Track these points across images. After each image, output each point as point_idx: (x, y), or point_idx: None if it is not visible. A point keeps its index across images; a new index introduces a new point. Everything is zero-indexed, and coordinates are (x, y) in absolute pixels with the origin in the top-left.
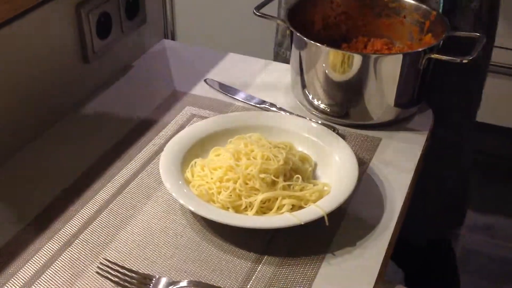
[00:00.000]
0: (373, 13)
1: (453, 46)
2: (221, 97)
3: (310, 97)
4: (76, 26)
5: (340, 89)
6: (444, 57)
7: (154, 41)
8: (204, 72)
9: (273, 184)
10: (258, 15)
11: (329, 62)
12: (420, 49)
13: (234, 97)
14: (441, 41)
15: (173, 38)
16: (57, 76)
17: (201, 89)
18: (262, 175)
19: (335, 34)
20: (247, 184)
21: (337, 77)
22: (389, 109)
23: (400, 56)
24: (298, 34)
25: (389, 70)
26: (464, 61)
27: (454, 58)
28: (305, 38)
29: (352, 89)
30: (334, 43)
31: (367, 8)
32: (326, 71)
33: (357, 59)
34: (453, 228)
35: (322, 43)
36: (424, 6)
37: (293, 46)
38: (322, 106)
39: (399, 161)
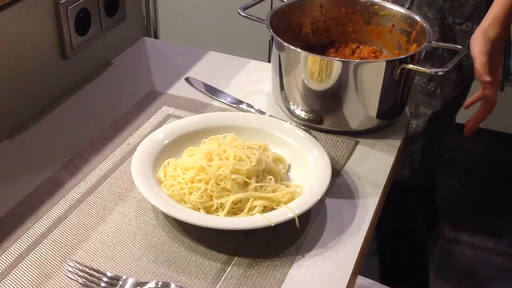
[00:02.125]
0: (363, 20)
1: None
2: (199, 97)
3: (288, 101)
4: (55, 22)
5: (317, 95)
6: (418, 68)
7: (134, 39)
8: (183, 71)
9: (245, 185)
10: (243, 16)
11: (306, 67)
12: (394, 58)
13: (212, 96)
14: (419, 52)
15: (156, 37)
16: (35, 72)
17: (179, 88)
18: (234, 176)
19: (325, 39)
20: (218, 184)
21: (314, 82)
22: (367, 118)
23: (373, 64)
24: (277, 37)
25: (364, 78)
26: (440, 73)
27: (428, 70)
28: (284, 42)
29: (327, 95)
30: (322, 48)
31: (357, 15)
32: (303, 76)
33: (331, 65)
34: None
35: (304, 48)
36: (412, 16)
37: (273, 49)
38: (299, 111)
39: (374, 163)
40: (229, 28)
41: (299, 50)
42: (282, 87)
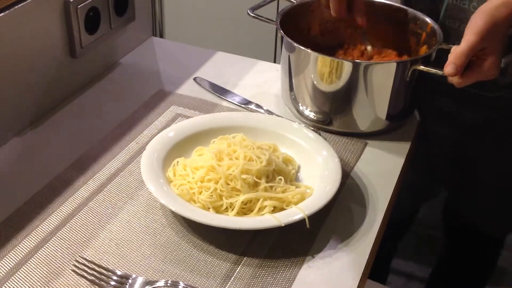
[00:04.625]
0: (373, 22)
1: None
2: (207, 96)
3: (297, 102)
4: (64, 20)
5: (327, 96)
6: (429, 69)
7: (142, 39)
8: (192, 71)
9: (255, 185)
10: (252, 16)
11: (316, 68)
12: (405, 60)
13: (221, 96)
14: (430, 53)
15: (162, 37)
16: (44, 70)
17: (187, 88)
18: (244, 176)
19: (334, 41)
20: (228, 184)
21: (324, 83)
22: (377, 120)
23: (383, 65)
24: (287, 38)
25: (374, 79)
26: None
27: (441, 71)
28: (294, 43)
29: (337, 96)
30: (331, 50)
31: (367, 16)
32: (313, 77)
33: (341, 66)
34: None
35: (313, 49)
36: (422, 17)
37: (283, 50)
38: (308, 112)
39: (383, 165)
40: (233, 29)
41: (309, 50)
42: (291, 88)
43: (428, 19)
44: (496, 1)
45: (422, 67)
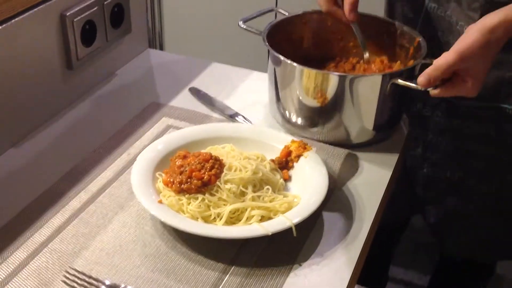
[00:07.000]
0: (364, 35)
1: None
2: (199, 108)
3: (284, 114)
4: (61, 33)
5: (313, 108)
6: (408, 84)
7: (138, 51)
8: (186, 82)
9: (242, 194)
10: (243, 28)
11: (302, 81)
12: (385, 73)
13: (213, 107)
14: (414, 67)
15: (161, 49)
16: (41, 81)
17: (180, 100)
18: (228, 186)
19: (326, 53)
20: (214, 195)
21: (309, 95)
22: (364, 131)
23: (364, 78)
24: (272, 51)
25: (359, 91)
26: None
27: (419, 86)
28: (280, 56)
29: (323, 108)
30: (323, 62)
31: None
32: (299, 90)
33: (326, 79)
34: None
35: (304, 61)
36: (410, 32)
37: (269, 62)
38: (296, 123)
39: (371, 176)
40: (234, 40)
41: (294, 64)
42: (278, 99)
43: (415, 34)
44: (498, 19)
45: (400, 81)
